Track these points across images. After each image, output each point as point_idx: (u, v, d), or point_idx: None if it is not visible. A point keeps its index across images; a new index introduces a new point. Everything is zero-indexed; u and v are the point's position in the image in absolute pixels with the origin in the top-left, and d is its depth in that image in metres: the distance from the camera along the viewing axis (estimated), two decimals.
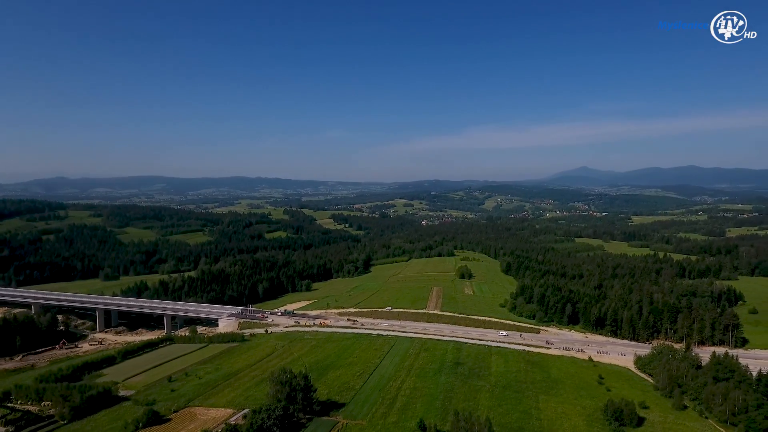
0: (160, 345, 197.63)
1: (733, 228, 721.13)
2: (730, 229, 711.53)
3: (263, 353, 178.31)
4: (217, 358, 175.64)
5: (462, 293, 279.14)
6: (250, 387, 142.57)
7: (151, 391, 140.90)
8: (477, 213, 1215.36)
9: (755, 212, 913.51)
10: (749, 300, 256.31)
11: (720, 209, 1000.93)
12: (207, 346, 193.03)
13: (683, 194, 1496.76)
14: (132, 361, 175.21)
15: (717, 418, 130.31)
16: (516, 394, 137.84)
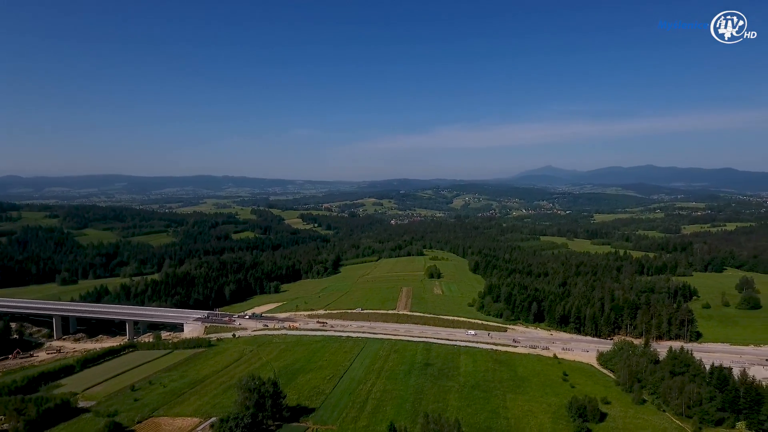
0: (122, 352, 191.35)
1: (687, 225, 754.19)
2: (685, 226, 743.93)
3: (231, 359, 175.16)
4: (183, 364, 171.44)
5: (431, 293, 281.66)
6: (218, 394, 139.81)
7: (112, 401, 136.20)
8: (445, 212, 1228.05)
9: (708, 210, 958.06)
10: (702, 295, 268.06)
11: (676, 207, 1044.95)
12: (172, 353, 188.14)
13: (642, 192, 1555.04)
14: (92, 370, 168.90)
15: (674, 411, 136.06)
16: (484, 393, 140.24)
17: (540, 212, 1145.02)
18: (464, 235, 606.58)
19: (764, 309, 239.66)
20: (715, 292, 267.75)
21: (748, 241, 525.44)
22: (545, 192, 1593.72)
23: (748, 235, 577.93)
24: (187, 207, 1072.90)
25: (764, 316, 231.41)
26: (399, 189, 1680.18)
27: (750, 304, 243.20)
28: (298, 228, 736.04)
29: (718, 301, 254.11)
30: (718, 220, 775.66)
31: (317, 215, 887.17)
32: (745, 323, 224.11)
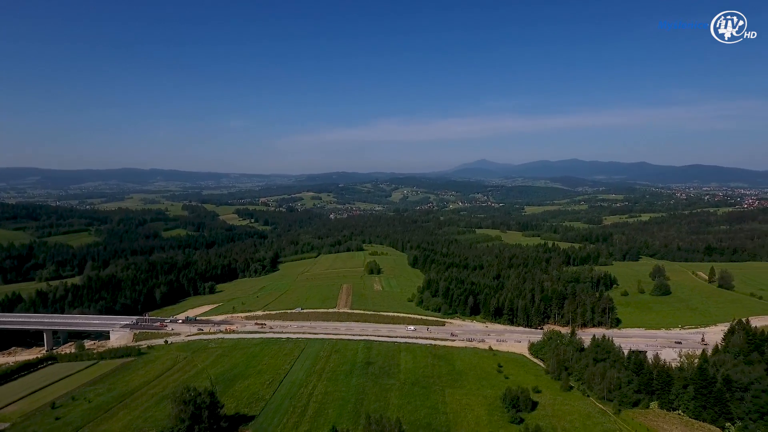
0: (41, 366, 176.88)
1: (608, 216, 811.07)
2: (606, 217, 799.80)
3: (163, 367, 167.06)
4: (110, 376, 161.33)
5: (371, 289, 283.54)
6: (150, 407, 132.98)
7: (30, 421, 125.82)
8: (384, 205, 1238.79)
9: (626, 201, 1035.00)
10: (621, 283, 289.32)
11: (598, 199, 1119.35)
12: (97, 363, 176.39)
13: (568, 185, 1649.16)
14: (5, 388, 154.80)
15: (597, 395, 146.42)
16: (424, 390, 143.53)
17: (475, 205, 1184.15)
18: (403, 229, 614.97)
19: (673, 295, 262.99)
20: (632, 280, 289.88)
21: (659, 230, 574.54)
22: (480, 185, 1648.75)
23: (660, 225, 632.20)
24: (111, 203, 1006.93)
25: (673, 302, 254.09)
26: (338, 182, 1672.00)
27: (661, 290, 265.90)
28: (234, 224, 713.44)
29: (635, 288, 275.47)
30: (634, 211, 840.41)
31: (254, 210, 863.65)
32: (658, 308, 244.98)
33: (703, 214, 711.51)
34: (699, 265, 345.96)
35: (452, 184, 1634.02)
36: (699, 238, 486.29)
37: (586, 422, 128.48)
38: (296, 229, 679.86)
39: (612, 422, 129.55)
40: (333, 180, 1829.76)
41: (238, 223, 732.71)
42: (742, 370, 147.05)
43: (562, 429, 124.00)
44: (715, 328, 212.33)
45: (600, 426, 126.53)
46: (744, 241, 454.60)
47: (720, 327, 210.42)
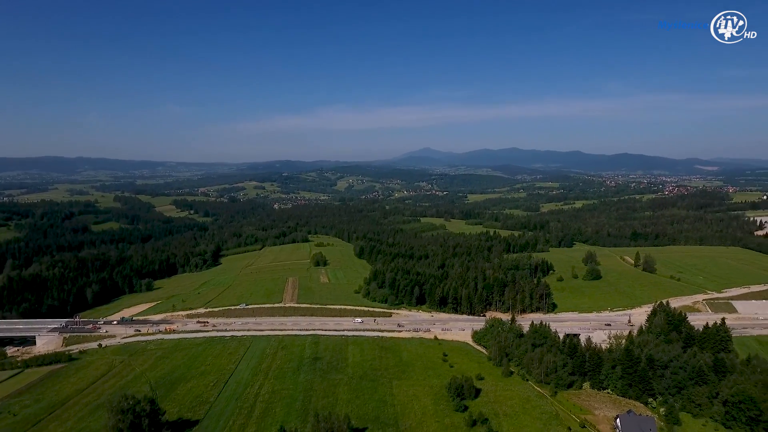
0: None
1: (545, 203, 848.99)
2: (543, 204, 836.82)
3: (98, 373, 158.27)
4: (38, 385, 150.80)
5: (318, 282, 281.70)
6: (84, 417, 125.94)
7: None
8: (330, 194, 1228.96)
9: (561, 189, 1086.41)
10: (557, 269, 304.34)
11: (536, 187, 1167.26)
12: (22, 372, 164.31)
13: (508, 173, 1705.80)
14: None
15: (535, 379, 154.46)
16: (372, 383, 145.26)
17: (420, 193, 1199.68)
18: (349, 218, 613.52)
19: (604, 279, 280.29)
20: (567, 266, 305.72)
21: (591, 217, 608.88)
22: (425, 173, 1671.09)
23: (592, 212, 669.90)
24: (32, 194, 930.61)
25: (604, 286, 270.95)
26: (282, 171, 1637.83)
27: (593, 275, 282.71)
28: (172, 216, 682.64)
29: (570, 274, 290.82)
30: (569, 198, 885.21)
31: (193, 201, 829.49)
32: (590, 293, 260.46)
33: (629, 201, 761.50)
34: (626, 250, 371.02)
35: (397, 173, 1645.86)
36: (626, 224, 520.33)
37: (525, 406, 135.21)
38: (239, 221, 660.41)
39: (549, 404, 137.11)
40: (277, 169, 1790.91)
41: (176, 215, 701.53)
42: (663, 349, 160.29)
43: (503, 414, 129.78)
44: (640, 310, 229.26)
45: (538, 409, 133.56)
46: (665, 226, 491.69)
47: (644, 308, 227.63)
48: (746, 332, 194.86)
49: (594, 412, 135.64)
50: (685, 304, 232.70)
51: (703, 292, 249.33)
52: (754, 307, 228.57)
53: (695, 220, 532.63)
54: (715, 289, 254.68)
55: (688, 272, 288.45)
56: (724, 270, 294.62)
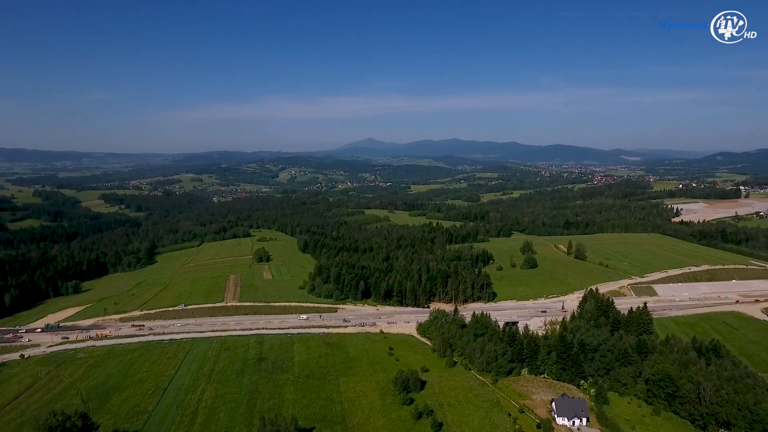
0: None
1: (485, 194, 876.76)
2: (483, 194, 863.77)
3: (20, 387, 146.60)
4: None
5: (261, 279, 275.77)
6: None
7: None
8: (272, 186, 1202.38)
9: (499, 179, 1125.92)
10: (497, 259, 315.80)
11: (476, 177, 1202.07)
12: None
13: (449, 164, 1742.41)
14: None
15: (477, 368, 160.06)
16: (318, 381, 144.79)
17: (364, 184, 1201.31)
18: (292, 212, 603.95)
19: (540, 267, 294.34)
20: (506, 256, 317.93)
21: (528, 207, 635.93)
22: (368, 164, 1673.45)
23: (528, 202, 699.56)
24: None
25: (539, 274, 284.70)
26: (220, 162, 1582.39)
27: (530, 264, 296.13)
28: (101, 212, 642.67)
29: (508, 263, 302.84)
30: (507, 188, 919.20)
31: (124, 195, 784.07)
32: (527, 281, 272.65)
33: (562, 191, 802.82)
34: (560, 239, 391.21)
35: (340, 164, 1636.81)
36: (560, 213, 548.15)
37: (468, 395, 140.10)
38: (175, 215, 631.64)
39: (490, 392, 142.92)
40: (215, 160, 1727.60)
41: (105, 211, 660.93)
42: (593, 333, 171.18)
43: (447, 404, 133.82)
44: (572, 296, 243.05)
45: (480, 397, 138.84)
46: (594, 215, 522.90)
47: (576, 294, 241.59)
48: (665, 314, 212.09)
49: (532, 397, 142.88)
50: (612, 289, 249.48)
51: (628, 278, 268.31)
52: (672, 290, 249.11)
53: (621, 209, 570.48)
54: (639, 274, 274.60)
55: (615, 259, 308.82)
56: (646, 256, 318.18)
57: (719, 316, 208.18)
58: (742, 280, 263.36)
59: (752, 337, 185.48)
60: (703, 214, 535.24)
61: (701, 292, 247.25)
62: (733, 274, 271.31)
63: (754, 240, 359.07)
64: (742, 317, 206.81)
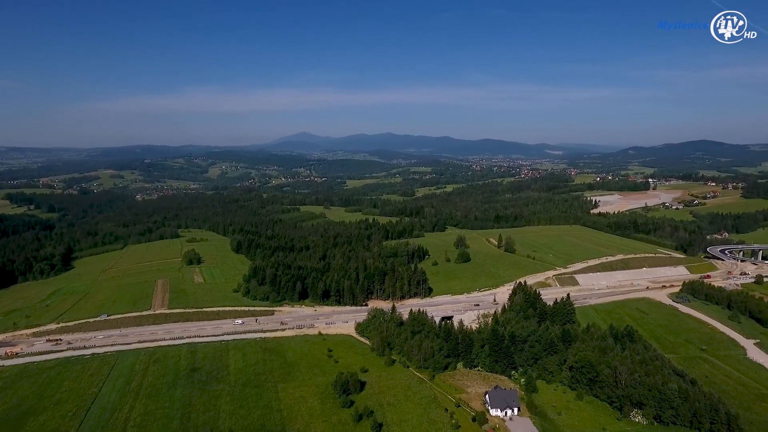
0: None
1: (420, 188, 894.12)
2: (418, 189, 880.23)
3: None
4: None
5: (192, 283, 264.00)
6: None
7: None
8: (201, 182, 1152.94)
9: (433, 174, 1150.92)
10: (432, 254, 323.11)
11: (411, 172, 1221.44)
12: None
13: (384, 158, 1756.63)
14: None
15: (416, 365, 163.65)
16: (256, 389, 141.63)
17: (299, 180, 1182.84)
18: (224, 209, 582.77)
19: (473, 261, 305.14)
20: (441, 250, 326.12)
21: (461, 201, 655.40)
22: (302, 158, 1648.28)
23: (461, 196, 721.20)
24: None
25: (472, 267, 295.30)
26: (143, 157, 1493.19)
27: (463, 258, 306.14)
28: (6, 213, 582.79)
29: (443, 258, 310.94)
30: (440, 183, 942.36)
31: (33, 194, 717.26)
32: (461, 275, 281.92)
33: (493, 185, 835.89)
34: (491, 232, 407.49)
35: (274, 158, 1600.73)
36: (490, 207, 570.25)
37: (407, 393, 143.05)
38: (94, 216, 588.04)
39: (428, 388, 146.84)
40: (137, 155, 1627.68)
41: (11, 212, 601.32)
42: (522, 325, 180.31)
43: (387, 404, 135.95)
44: (503, 288, 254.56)
45: (418, 394, 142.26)
46: (522, 208, 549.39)
47: (507, 287, 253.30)
48: (586, 302, 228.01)
49: (467, 390, 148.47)
50: (539, 280, 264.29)
51: (553, 269, 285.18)
52: (592, 279, 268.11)
53: (546, 201, 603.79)
54: (562, 265, 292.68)
55: (541, 251, 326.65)
56: (569, 247, 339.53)
57: (632, 303, 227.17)
58: (651, 268, 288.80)
59: (660, 321, 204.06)
60: (617, 206, 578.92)
61: (617, 280, 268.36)
62: (644, 263, 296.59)
63: (661, 230, 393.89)
64: (652, 303, 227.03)
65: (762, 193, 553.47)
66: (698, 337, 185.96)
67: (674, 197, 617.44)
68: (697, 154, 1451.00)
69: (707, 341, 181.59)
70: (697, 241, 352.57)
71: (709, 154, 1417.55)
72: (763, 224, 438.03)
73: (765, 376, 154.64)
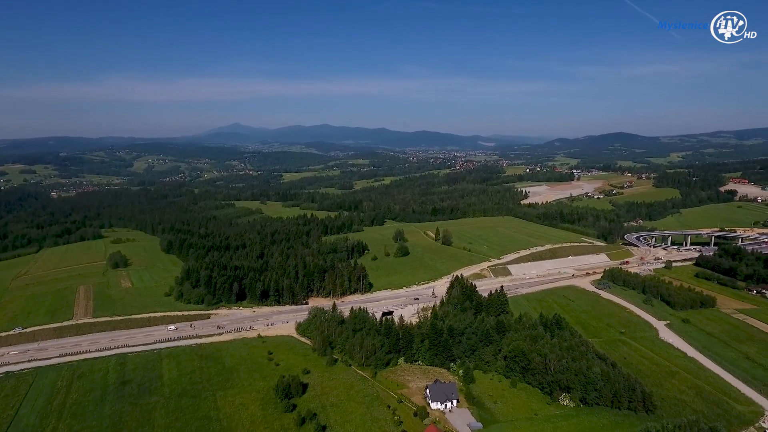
0: None
1: (358, 181, 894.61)
2: (356, 181, 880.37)
3: None
4: None
5: (119, 288, 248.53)
6: None
7: None
8: (125, 177, 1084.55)
9: (371, 166, 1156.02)
10: (371, 249, 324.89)
11: (349, 164, 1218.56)
12: None
13: (321, 150, 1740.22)
14: None
15: (358, 363, 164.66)
16: (193, 399, 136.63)
17: (232, 173, 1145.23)
18: (152, 207, 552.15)
19: (411, 255, 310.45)
20: (380, 245, 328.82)
21: (399, 193, 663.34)
22: (236, 151, 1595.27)
23: (399, 188, 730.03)
24: None
25: (411, 261, 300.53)
26: (58, 150, 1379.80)
27: (402, 252, 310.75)
28: None
29: (382, 252, 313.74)
30: (378, 175, 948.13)
31: None
32: (400, 269, 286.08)
33: (429, 177, 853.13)
34: (428, 225, 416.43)
35: (205, 151, 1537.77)
36: (428, 199, 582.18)
37: (349, 392, 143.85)
38: (2, 216, 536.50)
39: (371, 386, 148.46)
40: (51, 147, 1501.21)
41: None
42: (460, 318, 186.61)
43: (330, 405, 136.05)
44: (441, 281, 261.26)
45: (361, 393, 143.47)
46: (458, 200, 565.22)
47: (445, 279, 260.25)
48: (518, 292, 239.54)
49: (409, 386, 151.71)
50: (474, 272, 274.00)
51: (488, 260, 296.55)
52: (523, 269, 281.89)
53: (480, 193, 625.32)
54: (496, 256, 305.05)
55: (476, 243, 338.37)
56: (502, 238, 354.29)
57: (560, 291, 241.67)
58: (576, 256, 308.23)
59: (584, 307, 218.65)
60: (545, 196, 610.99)
61: (546, 269, 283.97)
62: (570, 251, 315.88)
63: (584, 219, 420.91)
64: (577, 290, 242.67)
65: (671, 183, 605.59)
66: (618, 321, 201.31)
67: (596, 187, 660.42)
68: (615, 145, 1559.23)
69: (625, 325, 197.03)
70: (616, 230, 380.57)
71: (626, 146, 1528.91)
72: (672, 211, 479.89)
73: (674, 354, 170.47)
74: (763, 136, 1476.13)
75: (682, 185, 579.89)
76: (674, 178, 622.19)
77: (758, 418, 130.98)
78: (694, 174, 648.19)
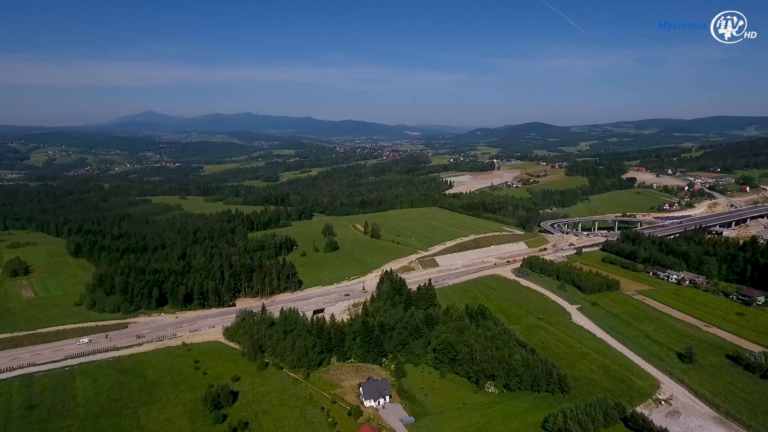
0: None
1: (284, 172, 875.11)
2: (282, 173, 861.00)
3: None
4: None
5: (19, 299, 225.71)
6: None
7: None
8: (21, 171, 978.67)
9: (297, 156, 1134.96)
10: (300, 244, 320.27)
11: (273, 155, 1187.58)
12: None
13: (244, 140, 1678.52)
14: None
15: (289, 365, 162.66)
16: (112, 419, 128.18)
17: (147, 165, 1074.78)
18: (55, 205, 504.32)
19: (341, 249, 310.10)
20: (309, 240, 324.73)
21: (326, 185, 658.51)
22: (151, 141, 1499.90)
23: (326, 180, 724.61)
24: None
25: (341, 256, 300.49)
26: None
27: (331, 247, 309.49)
28: None
29: (311, 247, 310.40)
30: (305, 166, 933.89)
31: None
32: (330, 264, 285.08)
33: (357, 167, 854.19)
34: (357, 218, 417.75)
35: (115, 141, 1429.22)
36: (356, 191, 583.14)
37: (282, 397, 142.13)
38: None
39: (304, 388, 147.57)
40: None
41: None
42: (390, 313, 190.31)
43: (262, 412, 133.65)
44: (371, 275, 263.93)
45: (294, 396, 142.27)
46: (385, 191, 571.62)
47: (374, 274, 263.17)
48: (445, 283, 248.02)
49: (342, 385, 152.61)
50: (404, 265, 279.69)
51: (416, 252, 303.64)
52: (450, 260, 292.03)
53: (407, 184, 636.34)
54: (424, 248, 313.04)
55: (404, 235, 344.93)
56: (429, 230, 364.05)
57: (483, 280, 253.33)
58: (498, 245, 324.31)
59: (506, 295, 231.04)
60: (468, 186, 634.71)
61: (470, 259, 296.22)
62: (492, 241, 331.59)
63: (504, 209, 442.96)
64: (499, 279, 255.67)
65: (581, 171, 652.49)
66: (536, 307, 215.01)
67: (514, 176, 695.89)
68: (531, 134, 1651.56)
69: (543, 310, 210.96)
70: (533, 218, 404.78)
71: (541, 135, 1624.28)
72: (582, 198, 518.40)
73: (585, 336, 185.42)
74: (658, 126, 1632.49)
75: (590, 173, 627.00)
76: (583, 167, 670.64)
77: (655, 390, 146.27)
78: (600, 163, 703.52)
